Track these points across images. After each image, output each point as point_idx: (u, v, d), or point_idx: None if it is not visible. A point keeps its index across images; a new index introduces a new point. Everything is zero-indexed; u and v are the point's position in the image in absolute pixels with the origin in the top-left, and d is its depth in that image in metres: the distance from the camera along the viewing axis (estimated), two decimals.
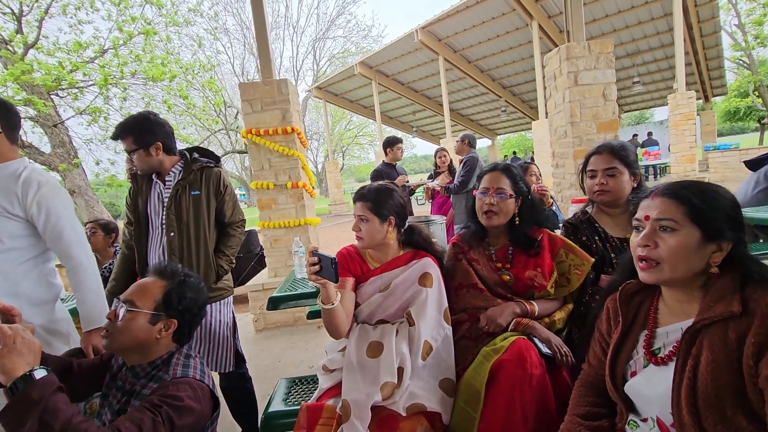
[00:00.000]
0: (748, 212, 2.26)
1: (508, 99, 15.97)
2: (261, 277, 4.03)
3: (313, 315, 2.05)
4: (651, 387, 0.87)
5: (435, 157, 4.64)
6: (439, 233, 2.35)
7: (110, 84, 8.01)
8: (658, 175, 12.79)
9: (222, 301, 1.89)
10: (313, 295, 1.75)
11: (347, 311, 1.35)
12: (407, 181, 4.22)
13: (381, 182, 1.49)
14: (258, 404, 2.02)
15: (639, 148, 12.96)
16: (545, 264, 1.44)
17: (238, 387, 1.97)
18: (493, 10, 10.30)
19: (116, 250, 2.60)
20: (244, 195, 33.93)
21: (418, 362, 1.28)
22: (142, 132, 1.72)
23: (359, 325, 1.40)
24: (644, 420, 0.90)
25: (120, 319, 1.09)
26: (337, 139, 30.17)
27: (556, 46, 3.98)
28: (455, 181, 4.08)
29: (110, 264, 2.54)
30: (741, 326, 0.75)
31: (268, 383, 2.56)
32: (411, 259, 1.44)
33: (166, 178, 1.81)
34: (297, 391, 1.69)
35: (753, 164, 3.37)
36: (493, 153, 22.14)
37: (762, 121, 19.02)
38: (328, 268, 1.17)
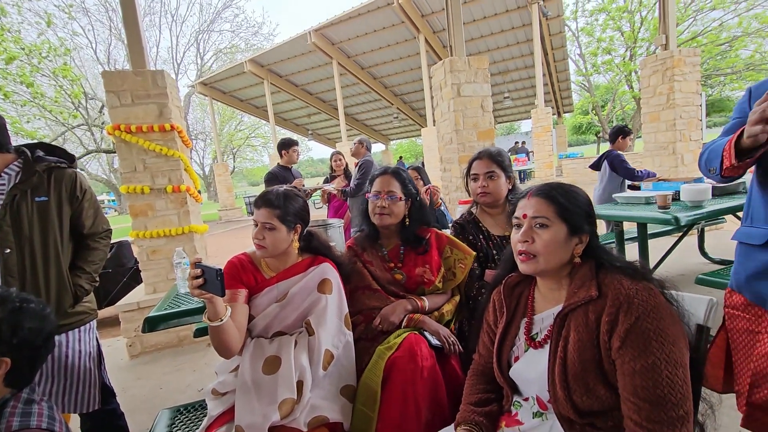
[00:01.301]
0: (597, 209, 2.70)
1: (400, 106, 16.77)
2: (136, 295, 3.52)
3: (202, 333, 1.84)
4: (531, 369, 0.97)
5: (331, 161, 4.62)
6: (337, 237, 2.33)
7: None
8: (525, 179, 14.71)
9: (82, 328, 1.59)
10: (200, 311, 1.57)
11: (239, 326, 1.23)
12: (303, 185, 4.12)
13: (287, 187, 1.42)
14: None
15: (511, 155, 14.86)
16: (433, 260, 1.54)
17: (107, 426, 1.68)
18: (383, 20, 10.71)
19: None
20: (113, 201, 29.65)
21: (319, 373, 1.23)
22: None
23: (253, 340, 1.29)
24: (526, 399, 1.00)
25: None
26: (226, 140, 28.16)
27: (441, 59, 4.30)
28: (351, 185, 4.11)
29: None
30: (597, 307, 0.88)
31: (147, 415, 2.24)
32: (309, 265, 1.39)
33: None
34: (182, 421, 1.50)
35: (595, 166, 4.21)
36: (387, 157, 23.02)
37: (598, 135, 23.24)
38: (213, 280, 1.05)
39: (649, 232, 2.99)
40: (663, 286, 0.89)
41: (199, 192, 3.66)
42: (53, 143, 1.69)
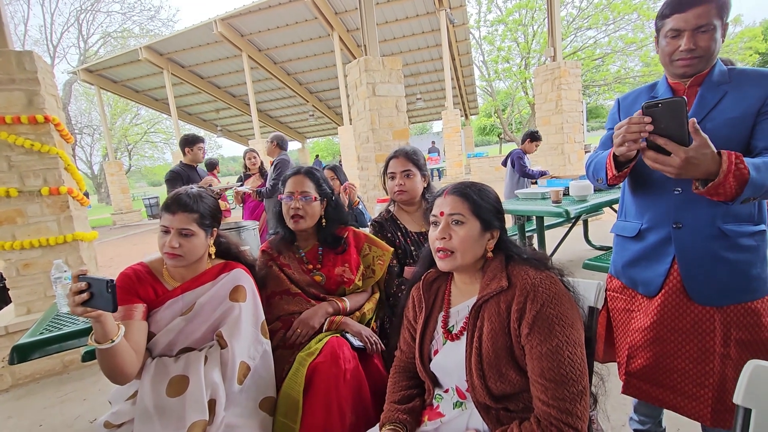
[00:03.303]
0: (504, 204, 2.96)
1: (315, 104, 16.50)
2: (3, 317, 2.96)
3: (92, 355, 1.61)
4: (449, 360, 1.00)
5: (244, 159, 4.38)
6: (251, 239, 2.21)
7: None
8: (438, 177, 15.50)
9: None
10: (87, 332, 1.36)
11: (136, 346, 1.09)
12: (210, 185, 3.82)
13: (199, 187, 1.30)
14: None
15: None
16: (352, 259, 1.53)
17: None
18: (296, 15, 10.41)
19: None
20: None
21: (234, 388, 1.13)
22: None
23: (155, 360, 1.15)
24: (446, 391, 1.03)
25: None
26: (120, 135, 25.03)
27: (356, 58, 4.31)
28: (267, 185, 3.93)
29: None
30: (508, 297, 0.94)
31: None
32: (220, 272, 1.28)
33: None
34: None
35: (504, 163, 4.64)
36: (304, 156, 22.52)
37: (500, 136, 25.41)
38: (102, 294, 0.91)
39: (545, 224, 3.33)
40: (562, 274, 0.98)
41: (86, 194, 3.20)
42: None
